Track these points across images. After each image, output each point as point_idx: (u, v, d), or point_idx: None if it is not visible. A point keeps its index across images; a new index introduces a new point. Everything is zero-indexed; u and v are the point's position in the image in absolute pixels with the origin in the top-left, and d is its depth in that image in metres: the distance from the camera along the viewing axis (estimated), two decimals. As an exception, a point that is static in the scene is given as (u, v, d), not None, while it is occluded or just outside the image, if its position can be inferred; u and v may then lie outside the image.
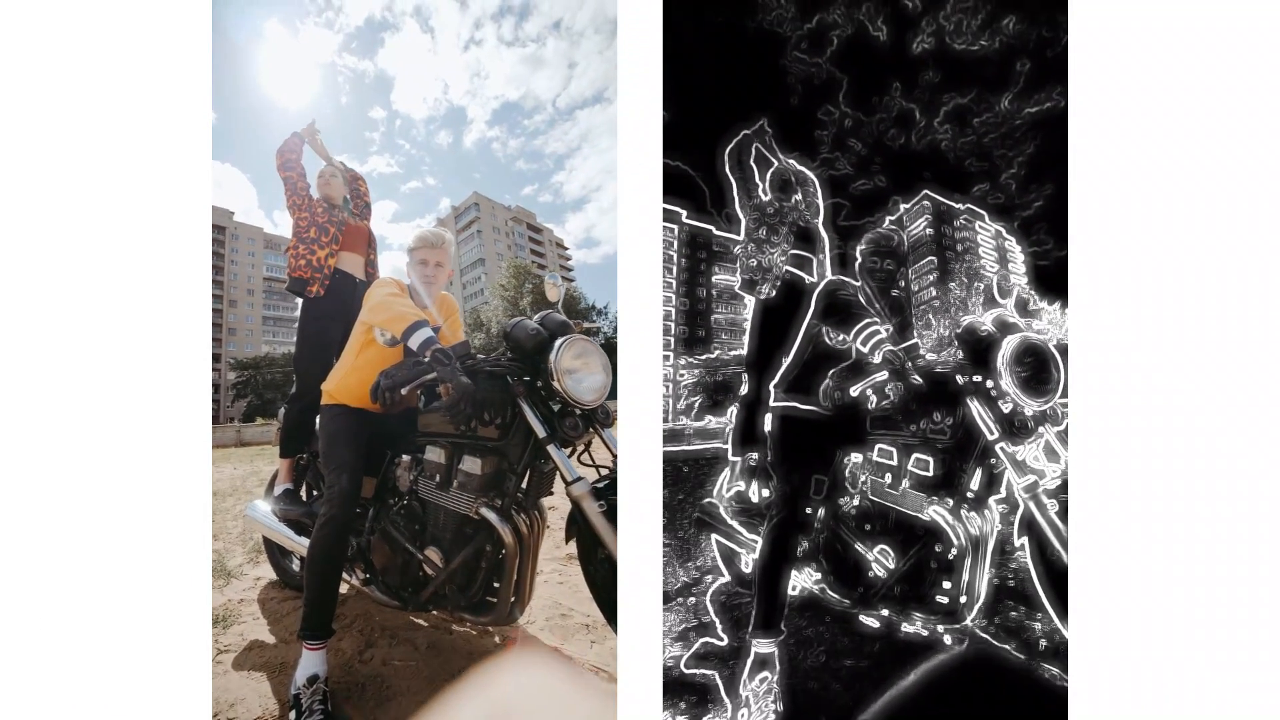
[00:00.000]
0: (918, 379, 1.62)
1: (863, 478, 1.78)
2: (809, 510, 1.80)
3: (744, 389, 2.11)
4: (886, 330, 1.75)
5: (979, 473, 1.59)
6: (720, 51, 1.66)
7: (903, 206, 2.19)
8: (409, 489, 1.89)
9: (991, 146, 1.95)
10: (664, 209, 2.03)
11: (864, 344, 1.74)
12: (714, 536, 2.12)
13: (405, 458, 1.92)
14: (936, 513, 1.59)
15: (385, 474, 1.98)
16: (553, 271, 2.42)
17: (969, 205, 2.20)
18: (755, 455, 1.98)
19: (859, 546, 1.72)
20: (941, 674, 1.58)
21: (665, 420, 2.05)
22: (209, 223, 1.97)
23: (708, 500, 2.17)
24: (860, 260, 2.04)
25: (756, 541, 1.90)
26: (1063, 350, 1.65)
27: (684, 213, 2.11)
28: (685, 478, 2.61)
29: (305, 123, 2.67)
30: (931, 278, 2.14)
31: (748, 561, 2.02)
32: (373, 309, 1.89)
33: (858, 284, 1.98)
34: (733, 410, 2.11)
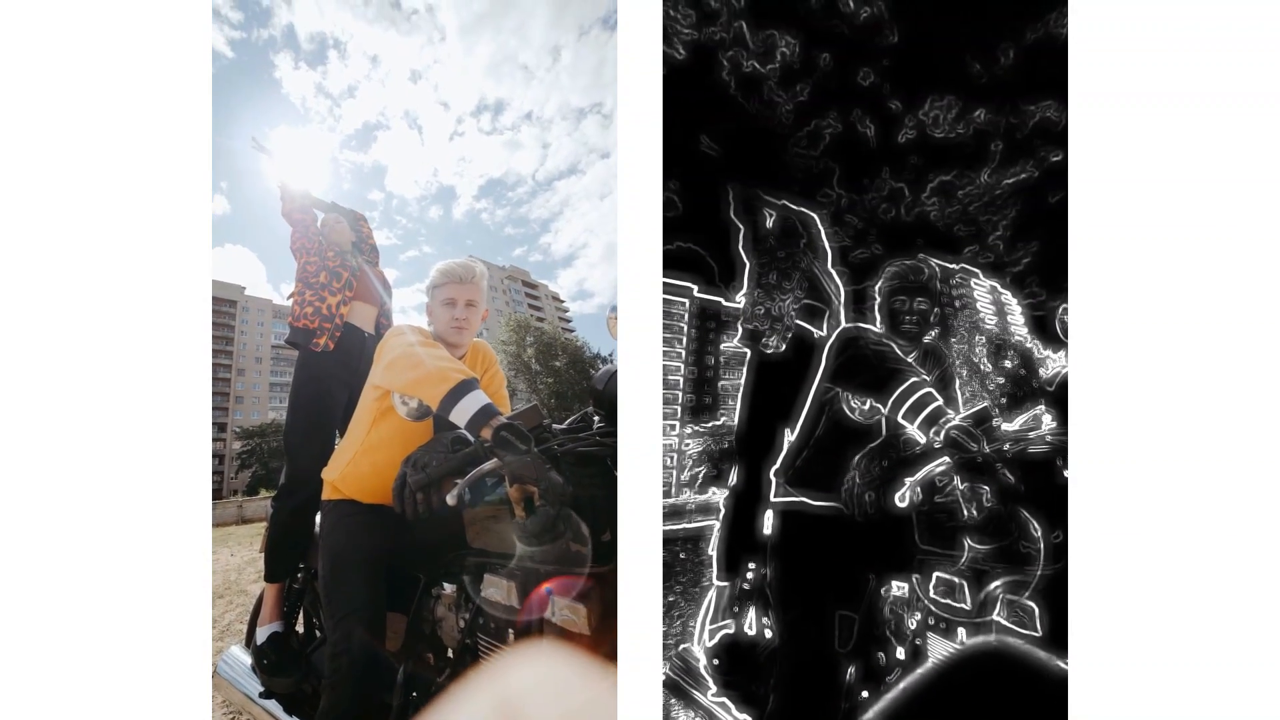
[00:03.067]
0: (1009, 476, 1.02)
1: (912, 624, 1.17)
2: (833, 671, 1.17)
3: (733, 477, 1.58)
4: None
5: None
6: (728, 149, 1.88)
7: (900, 268, 2.31)
8: (460, 646, 1.22)
9: (977, 213, 2.13)
10: (677, 284, 2.18)
11: (909, 416, 1.20)
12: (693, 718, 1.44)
13: (448, 588, 1.30)
14: None
15: (418, 612, 1.34)
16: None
17: (962, 265, 2.35)
18: (751, 570, 1.44)
19: None
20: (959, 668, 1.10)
21: (669, 494, 1.87)
22: (209, 303, 1.94)
23: (684, 649, 1.57)
24: (880, 300, 1.69)
25: None
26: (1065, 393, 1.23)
27: (695, 288, 2.28)
28: (682, 566, 1.92)
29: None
30: (934, 332, 2.26)
31: None
32: (392, 366, 1.36)
33: (881, 332, 1.60)
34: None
